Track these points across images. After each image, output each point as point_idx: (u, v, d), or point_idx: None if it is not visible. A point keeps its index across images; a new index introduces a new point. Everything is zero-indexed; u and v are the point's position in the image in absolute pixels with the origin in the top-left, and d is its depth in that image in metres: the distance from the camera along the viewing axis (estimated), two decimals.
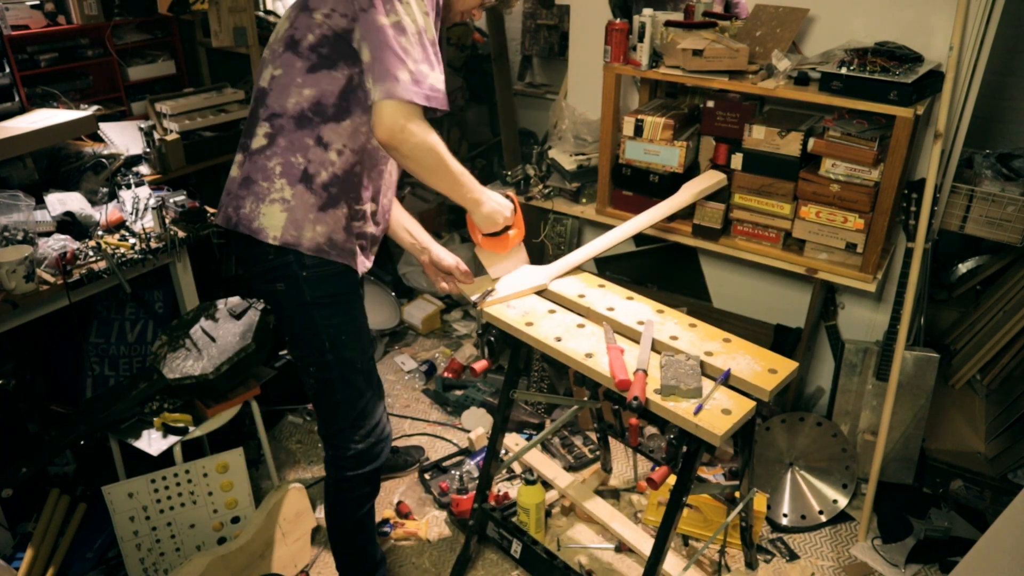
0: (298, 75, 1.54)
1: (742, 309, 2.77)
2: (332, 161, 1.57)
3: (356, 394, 1.74)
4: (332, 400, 1.75)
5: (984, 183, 2.40)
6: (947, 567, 2.22)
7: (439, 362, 3.23)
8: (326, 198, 1.58)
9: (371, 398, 1.78)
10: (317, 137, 1.55)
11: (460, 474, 2.55)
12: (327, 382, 1.72)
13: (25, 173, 2.54)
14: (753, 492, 1.98)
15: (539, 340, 1.74)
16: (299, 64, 1.54)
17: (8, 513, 2.25)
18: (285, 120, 1.56)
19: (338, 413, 1.77)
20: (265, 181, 1.57)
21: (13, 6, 2.87)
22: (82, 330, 2.70)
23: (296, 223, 1.57)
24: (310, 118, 1.54)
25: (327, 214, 1.59)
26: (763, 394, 1.58)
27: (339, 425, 1.77)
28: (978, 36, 2.11)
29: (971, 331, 2.74)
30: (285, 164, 1.56)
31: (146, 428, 2.16)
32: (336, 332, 1.68)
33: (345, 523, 1.91)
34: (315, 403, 1.80)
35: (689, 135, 2.45)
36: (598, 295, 1.93)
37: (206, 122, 3.10)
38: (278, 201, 1.57)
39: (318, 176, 1.57)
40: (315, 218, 1.58)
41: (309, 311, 1.65)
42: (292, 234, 1.57)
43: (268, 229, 1.57)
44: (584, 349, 1.70)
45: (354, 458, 1.79)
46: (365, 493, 1.88)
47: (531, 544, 2.02)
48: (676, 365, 1.60)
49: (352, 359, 1.71)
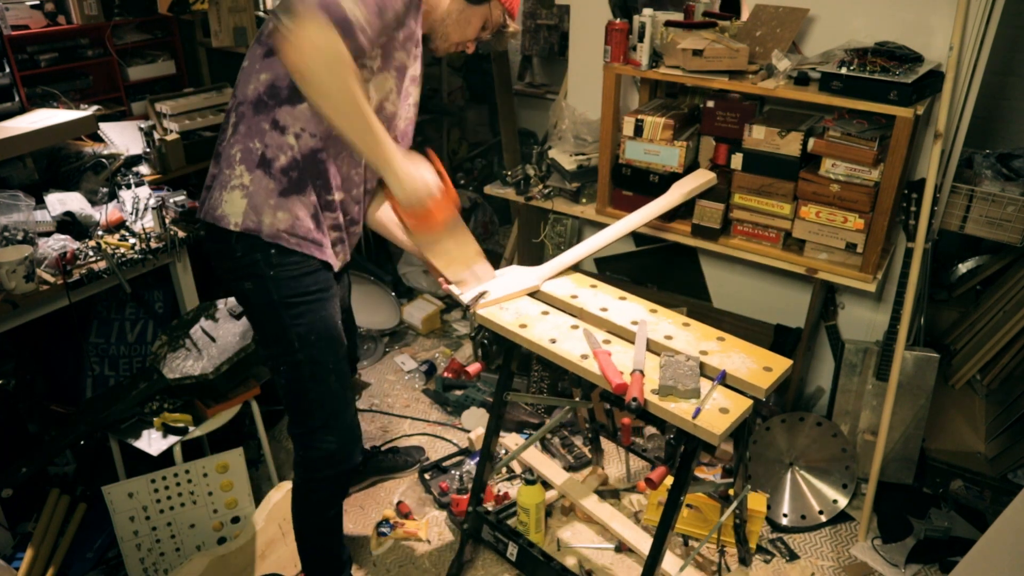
0: (256, 61, 1.55)
1: (742, 309, 2.77)
2: (291, 145, 1.54)
3: (328, 394, 1.71)
4: (303, 400, 1.72)
5: (984, 183, 2.40)
6: (947, 567, 2.22)
7: (439, 362, 3.23)
8: (287, 183, 1.55)
9: (343, 398, 1.75)
10: (273, 120, 1.53)
11: (460, 474, 2.55)
12: (297, 381, 1.69)
13: (25, 173, 2.54)
14: (747, 489, 1.98)
15: (533, 342, 1.74)
16: (258, 51, 1.56)
17: (8, 513, 2.25)
18: (245, 107, 1.56)
19: (310, 413, 1.73)
20: (228, 168, 1.57)
21: (13, 6, 2.87)
22: (82, 330, 2.70)
23: (256, 208, 1.55)
24: (265, 102, 1.53)
25: (289, 200, 1.55)
26: (759, 392, 1.59)
27: (310, 425, 1.74)
28: (978, 36, 2.11)
29: (971, 331, 2.74)
30: (244, 150, 1.55)
31: (146, 428, 2.16)
32: (306, 332, 1.64)
33: (314, 524, 1.89)
34: (285, 402, 1.77)
35: (689, 135, 2.45)
36: (590, 295, 1.93)
37: (206, 122, 3.10)
38: (238, 187, 1.55)
39: (276, 160, 1.54)
40: (275, 204, 1.55)
41: (277, 311, 1.61)
42: (252, 219, 1.55)
43: (230, 216, 1.56)
44: (579, 351, 1.70)
45: (325, 459, 1.77)
46: (335, 493, 1.87)
47: (527, 547, 2.01)
48: (675, 366, 1.60)
49: (323, 360, 1.68)
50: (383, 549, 2.32)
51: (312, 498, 1.85)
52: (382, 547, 2.33)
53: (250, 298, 1.65)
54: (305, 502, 1.87)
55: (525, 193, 2.75)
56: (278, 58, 1.47)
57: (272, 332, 1.67)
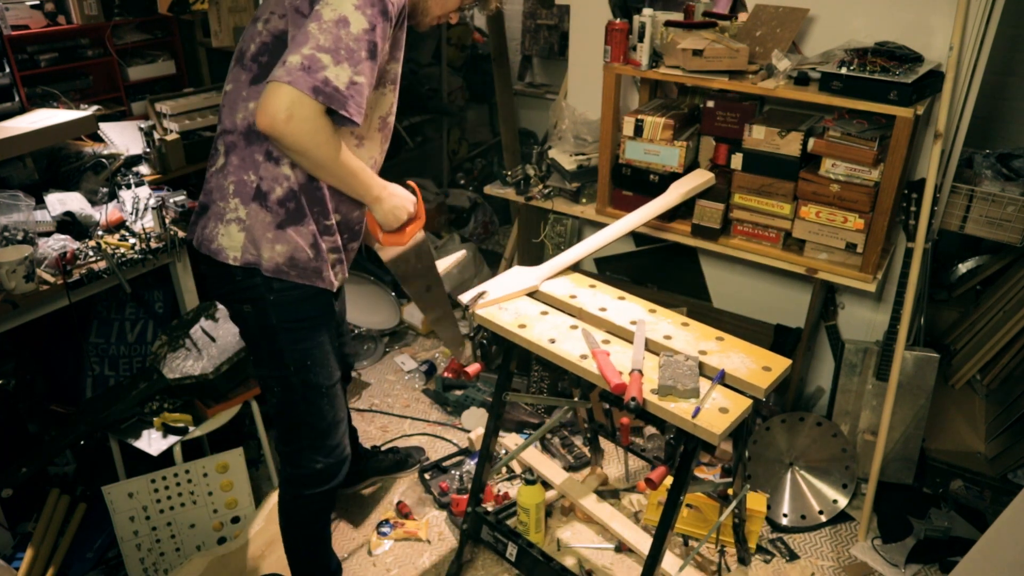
0: (243, 88, 1.50)
1: (742, 309, 2.77)
2: (286, 175, 1.48)
3: (319, 416, 1.71)
4: (294, 420, 1.72)
5: (984, 183, 2.40)
6: (947, 567, 2.22)
7: (439, 362, 3.24)
8: (284, 215, 1.50)
9: (333, 420, 1.74)
10: (266, 152, 1.48)
11: (460, 474, 2.55)
12: (289, 403, 1.69)
13: (25, 173, 2.54)
14: (746, 489, 1.98)
15: (533, 342, 1.74)
16: (244, 76, 1.50)
17: (8, 513, 2.25)
18: (236, 136, 1.51)
19: (299, 433, 1.73)
20: (222, 201, 1.53)
21: (13, 6, 2.87)
22: (82, 330, 2.70)
23: (255, 242, 1.52)
24: (257, 132, 1.45)
25: (286, 232, 1.51)
26: (759, 392, 1.59)
27: (299, 444, 1.74)
28: (978, 36, 2.11)
29: (971, 331, 2.74)
30: (238, 183, 1.51)
31: (146, 428, 2.16)
32: (302, 356, 1.64)
33: (301, 535, 1.90)
34: (276, 420, 1.76)
35: (689, 135, 2.45)
36: (589, 295, 1.93)
37: (206, 122, 3.10)
38: (234, 221, 1.52)
39: (272, 193, 1.49)
40: (273, 236, 1.51)
41: (275, 334, 1.60)
42: (252, 253, 1.52)
43: (228, 250, 1.53)
44: (578, 351, 1.70)
45: (313, 477, 1.77)
46: (321, 509, 1.88)
47: (527, 547, 2.01)
48: (674, 365, 1.60)
49: (318, 383, 1.68)
50: (383, 549, 2.32)
51: (298, 513, 1.87)
52: (382, 547, 2.33)
53: (248, 320, 1.63)
54: (291, 516, 1.88)
55: (525, 193, 2.75)
56: None
57: (268, 353, 1.66)
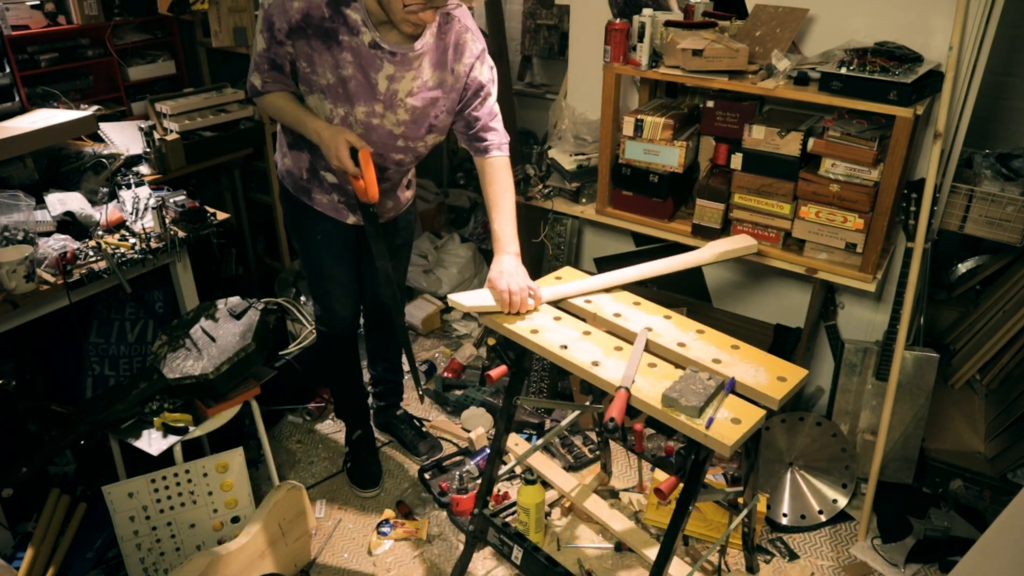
0: None
1: (742, 309, 2.77)
2: None
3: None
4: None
5: (984, 183, 2.40)
6: (947, 567, 2.22)
7: (439, 362, 3.23)
8: (291, 138, 2.08)
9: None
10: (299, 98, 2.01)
11: (460, 474, 2.55)
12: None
13: (25, 173, 2.54)
14: (757, 499, 1.97)
15: (545, 348, 1.74)
16: None
17: (8, 513, 2.25)
18: None
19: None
20: None
21: (13, 6, 2.87)
22: (82, 330, 2.70)
23: (281, 152, 2.16)
24: None
25: (292, 152, 2.10)
26: (772, 403, 1.58)
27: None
28: (978, 36, 2.11)
29: (971, 331, 2.74)
30: None
31: (146, 428, 2.16)
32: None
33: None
34: None
35: (689, 135, 2.45)
36: (605, 300, 1.93)
37: (206, 122, 3.10)
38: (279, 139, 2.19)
39: None
40: (285, 151, 2.13)
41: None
42: (279, 159, 2.19)
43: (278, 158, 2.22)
44: (590, 357, 1.70)
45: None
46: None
47: (532, 551, 2.00)
48: (690, 380, 1.57)
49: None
50: (383, 549, 2.33)
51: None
52: (382, 547, 2.33)
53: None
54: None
55: (525, 193, 2.75)
56: None
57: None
